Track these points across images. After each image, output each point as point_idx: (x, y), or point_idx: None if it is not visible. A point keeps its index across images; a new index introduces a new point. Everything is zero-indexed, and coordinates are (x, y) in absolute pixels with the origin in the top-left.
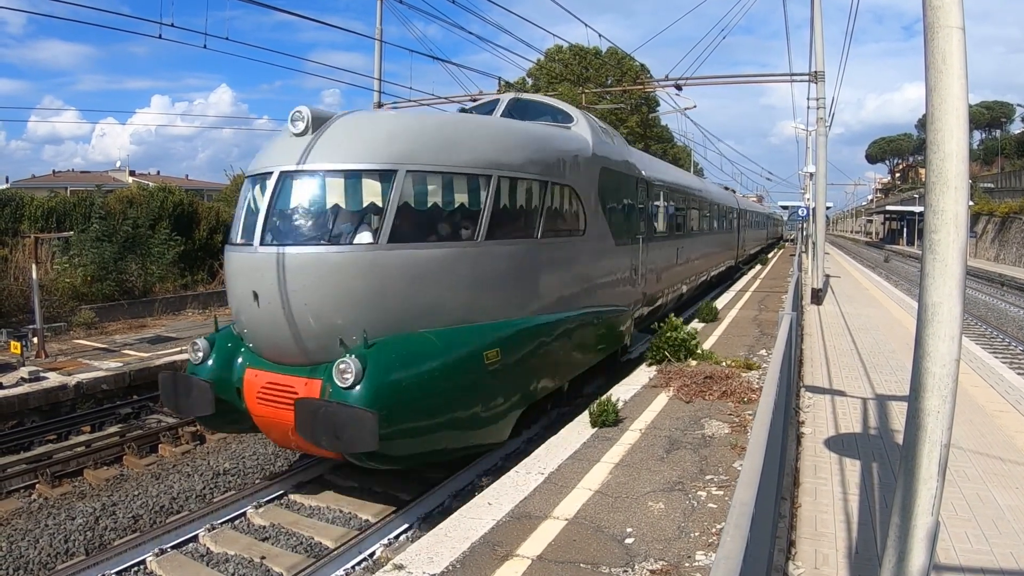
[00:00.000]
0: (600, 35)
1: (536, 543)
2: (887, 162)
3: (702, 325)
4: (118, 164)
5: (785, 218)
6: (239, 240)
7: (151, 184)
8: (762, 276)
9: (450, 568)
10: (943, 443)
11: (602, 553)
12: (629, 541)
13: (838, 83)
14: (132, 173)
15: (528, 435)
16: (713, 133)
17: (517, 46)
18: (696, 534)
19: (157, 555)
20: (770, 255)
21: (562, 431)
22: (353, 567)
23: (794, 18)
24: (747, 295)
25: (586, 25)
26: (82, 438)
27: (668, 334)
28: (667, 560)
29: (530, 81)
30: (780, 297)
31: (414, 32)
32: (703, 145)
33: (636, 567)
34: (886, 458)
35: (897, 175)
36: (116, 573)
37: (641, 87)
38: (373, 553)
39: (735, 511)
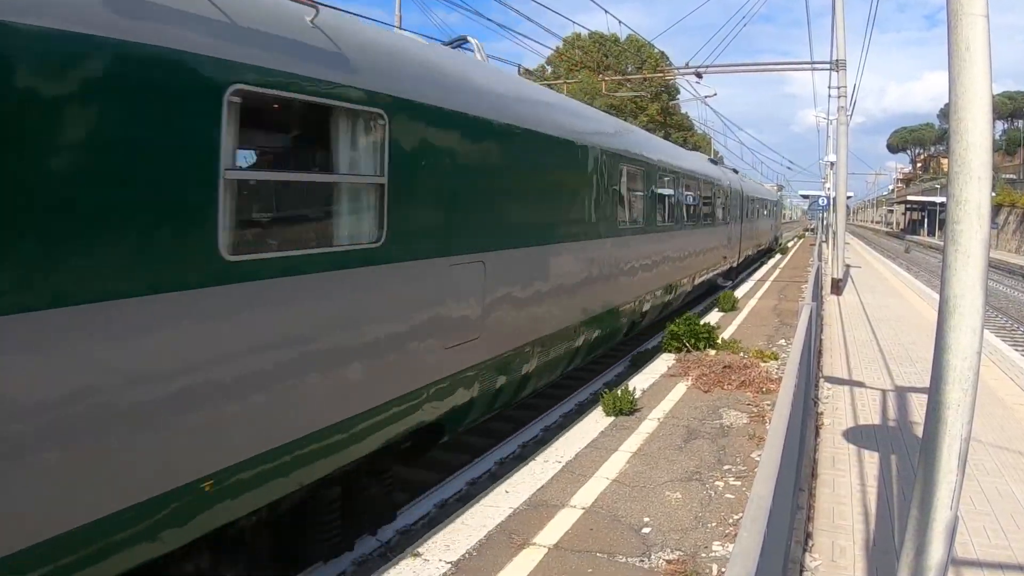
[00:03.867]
0: (620, 22)
1: (553, 532)
2: (909, 152)
3: (721, 315)
4: None
5: (806, 207)
6: None
7: None
8: (782, 266)
9: (466, 556)
10: (963, 436)
11: (619, 543)
12: (646, 531)
13: (859, 71)
14: None
15: (546, 423)
16: (733, 121)
17: (537, 33)
18: (713, 524)
19: None
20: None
21: (580, 420)
22: (370, 553)
23: (816, 6)
24: (767, 284)
25: (606, 12)
26: None
27: (686, 323)
28: (684, 550)
29: (549, 68)
30: (800, 287)
31: (434, 20)
32: (723, 134)
33: (652, 557)
34: (905, 450)
35: (919, 165)
36: None
37: (661, 75)
38: (390, 540)
39: (752, 505)
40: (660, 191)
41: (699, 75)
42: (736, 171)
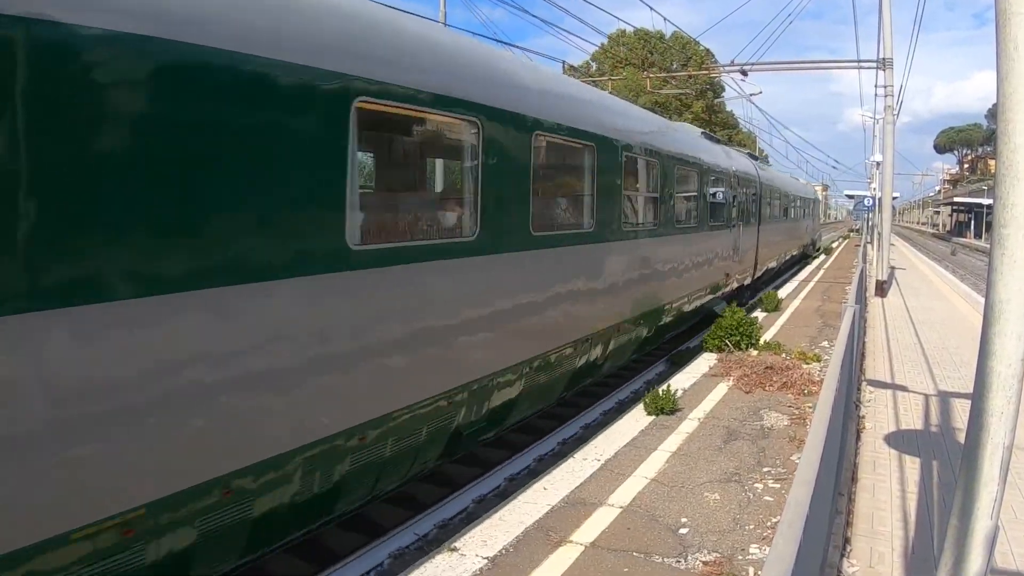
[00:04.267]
0: (665, 19)
1: (590, 530)
2: (956, 153)
3: (764, 315)
4: None
5: (851, 207)
6: None
7: None
8: (826, 266)
9: (503, 552)
10: (1006, 445)
11: (655, 543)
12: (683, 531)
13: (906, 70)
14: None
15: (586, 421)
16: (779, 120)
17: (582, 30)
18: (751, 527)
19: None
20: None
21: (621, 418)
22: (407, 547)
23: (863, 4)
24: (810, 285)
25: (651, 9)
26: None
27: (729, 323)
28: (720, 552)
29: (594, 65)
30: (844, 288)
31: (479, 16)
32: (768, 132)
33: (689, 558)
34: (947, 457)
35: (966, 166)
36: None
37: (706, 72)
38: (428, 534)
39: (790, 510)
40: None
41: (744, 73)
42: (755, 157)
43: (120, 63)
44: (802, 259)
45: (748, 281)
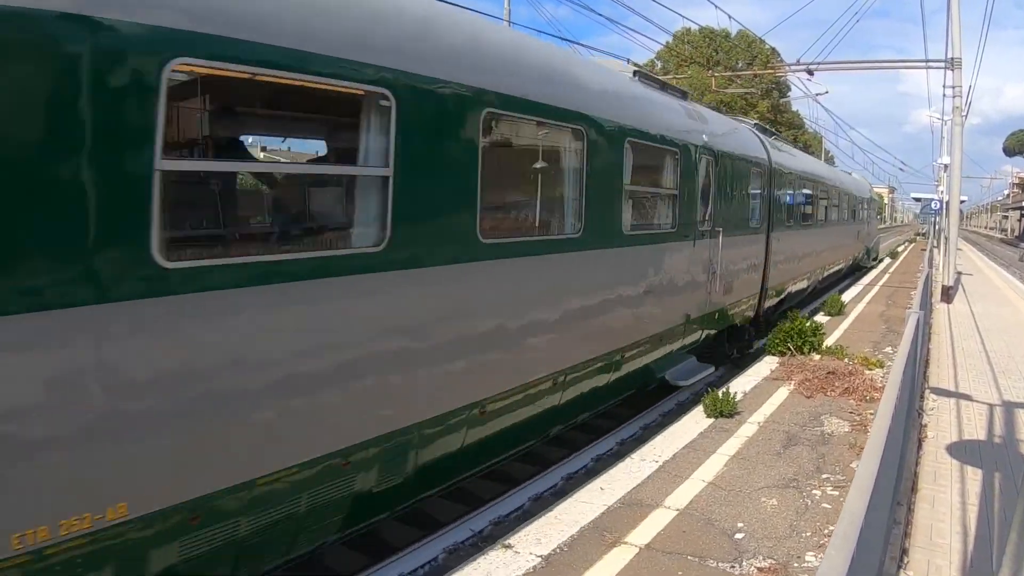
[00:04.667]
0: (730, 17)
1: (645, 532)
2: None
3: (827, 319)
4: None
5: (918, 210)
6: None
7: None
8: (891, 270)
9: (557, 551)
10: None
11: (711, 547)
12: (739, 536)
13: (975, 70)
14: None
15: (645, 421)
16: (845, 120)
17: (646, 27)
18: (808, 534)
19: None
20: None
21: (680, 420)
22: (462, 542)
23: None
24: (875, 289)
25: (716, 7)
26: None
27: (792, 326)
28: (776, 559)
29: (659, 64)
30: (910, 293)
31: (544, 14)
32: (835, 133)
33: (744, 563)
34: (1009, 470)
35: None
36: None
37: (772, 71)
38: (483, 531)
39: (844, 521)
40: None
41: (810, 72)
42: (772, 133)
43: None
44: (851, 272)
45: (752, 313)
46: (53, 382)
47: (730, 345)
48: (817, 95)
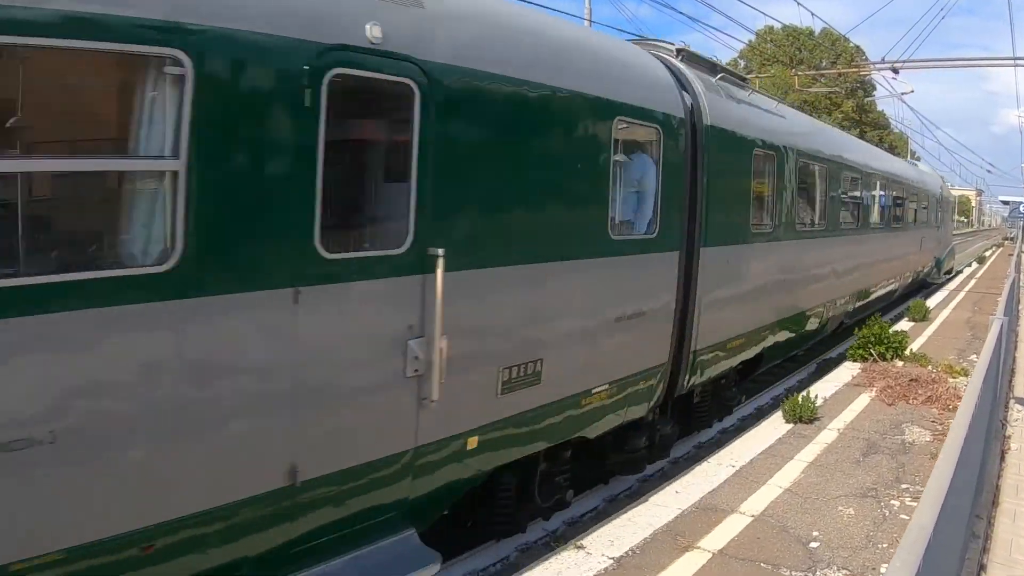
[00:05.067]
0: (813, 14)
1: (719, 537)
2: None
3: (911, 325)
4: None
5: (1006, 213)
6: None
7: None
8: (978, 276)
9: (629, 553)
10: None
11: (785, 555)
12: (814, 545)
13: None
14: None
15: (723, 425)
16: (931, 120)
17: (728, 26)
18: (884, 545)
19: None
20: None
21: (758, 424)
22: (535, 541)
23: None
24: (961, 295)
25: (799, 4)
26: None
27: (872, 331)
28: (850, 570)
29: (742, 63)
30: (996, 299)
31: (625, 13)
32: (920, 133)
33: (818, 573)
34: None
35: None
36: None
37: (856, 70)
38: (556, 530)
39: (911, 535)
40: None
41: (895, 70)
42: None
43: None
44: (911, 293)
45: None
46: None
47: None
48: (902, 94)
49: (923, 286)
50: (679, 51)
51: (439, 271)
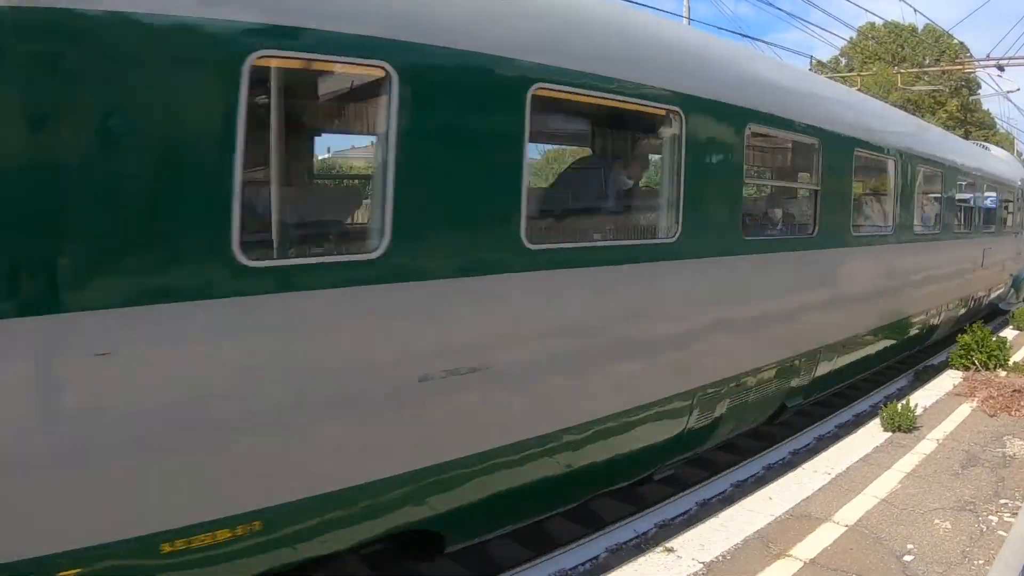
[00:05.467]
0: (916, 10)
1: (811, 546)
2: None
3: (1016, 333)
4: None
5: None
6: None
7: None
8: None
9: (719, 558)
10: None
11: (877, 567)
12: (907, 559)
13: None
14: None
15: (820, 432)
16: None
17: (829, 23)
18: (980, 562)
19: None
20: None
21: (855, 432)
22: (625, 542)
23: None
24: None
25: (901, 0)
26: None
27: (974, 339)
28: None
29: (843, 60)
30: None
31: (724, 11)
32: None
33: None
34: None
35: None
36: None
37: (960, 67)
38: (647, 532)
39: (1009, 546)
40: None
41: (1001, 67)
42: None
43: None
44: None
45: None
46: None
47: None
48: (1008, 92)
49: (993, 314)
50: None
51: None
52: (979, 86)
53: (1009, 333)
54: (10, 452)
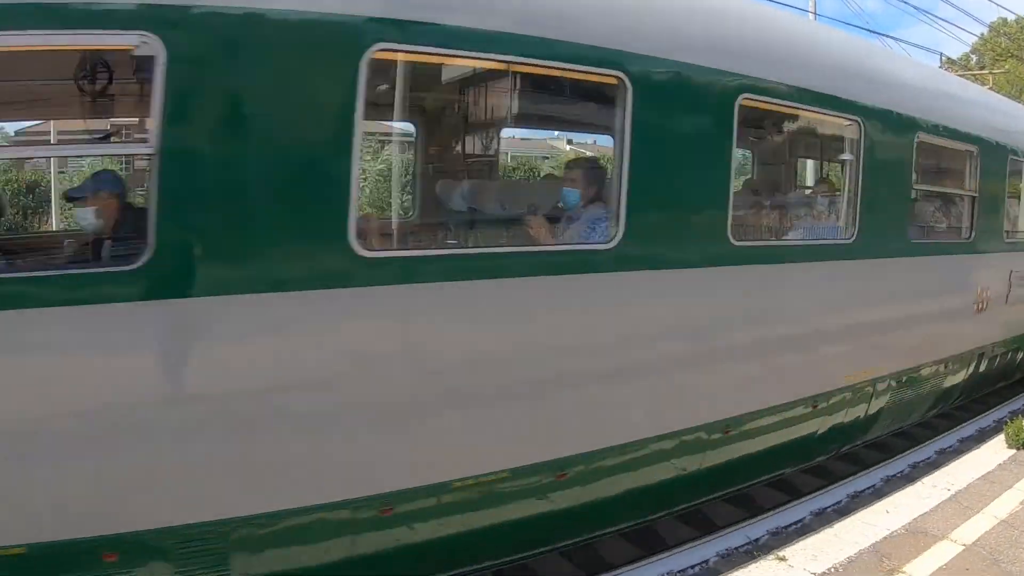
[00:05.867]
0: None
1: (925, 564)
2: None
3: None
4: None
5: None
6: None
7: None
8: None
9: (831, 570)
10: None
11: None
12: None
13: None
14: None
15: (941, 446)
16: None
17: (959, 18)
18: None
19: None
20: None
21: (978, 448)
22: (737, 548)
23: None
24: None
25: None
26: None
27: None
28: None
29: (974, 58)
30: None
31: (851, 6)
32: None
33: None
34: None
35: None
36: None
37: None
38: (759, 539)
39: None
40: None
41: None
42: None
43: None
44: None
45: None
46: None
47: None
48: None
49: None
50: None
51: None
52: None
53: None
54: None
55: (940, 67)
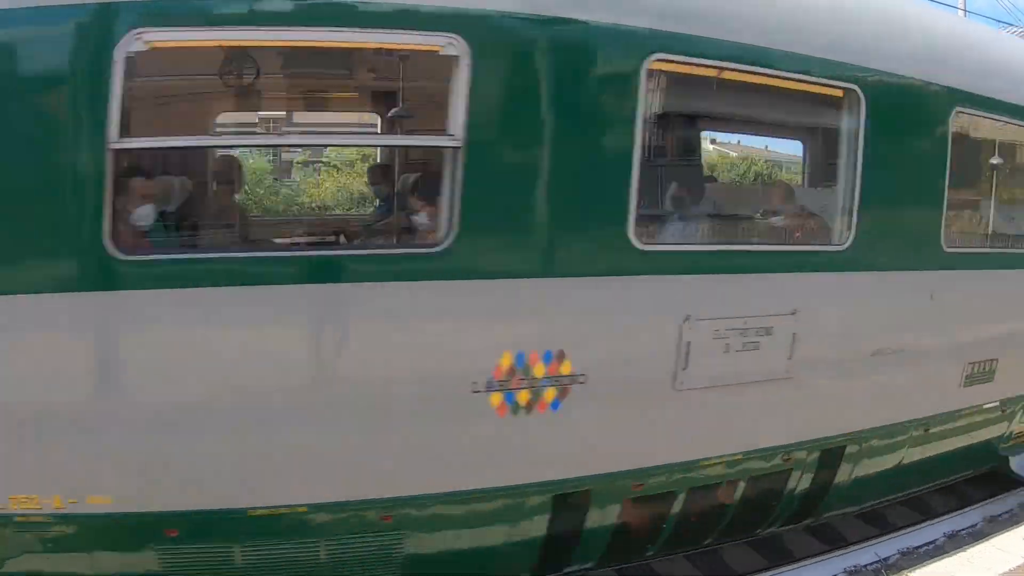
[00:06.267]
0: None
1: None
2: None
3: None
4: None
5: None
6: None
7: None
8: None
9: None
10: None
11: None
12: None
13: None
14: None
15: None
16: None
17: None
18: None
19: None
20: None
21: None
22: (865, 565)
23: None
24: None
25: None
26: None
27: None
28: None
29: None
30: None
31: (1002, 2)
32: None
33: None
34: None
35: None
36: None
37: None
38: (888, 558)
39: None
40: None
41: None
42: None
43: None
44: None
45: None
46: None
47: None
48: None
49: None
50: None
51: None
52: None
53: None
54: None
55: None
